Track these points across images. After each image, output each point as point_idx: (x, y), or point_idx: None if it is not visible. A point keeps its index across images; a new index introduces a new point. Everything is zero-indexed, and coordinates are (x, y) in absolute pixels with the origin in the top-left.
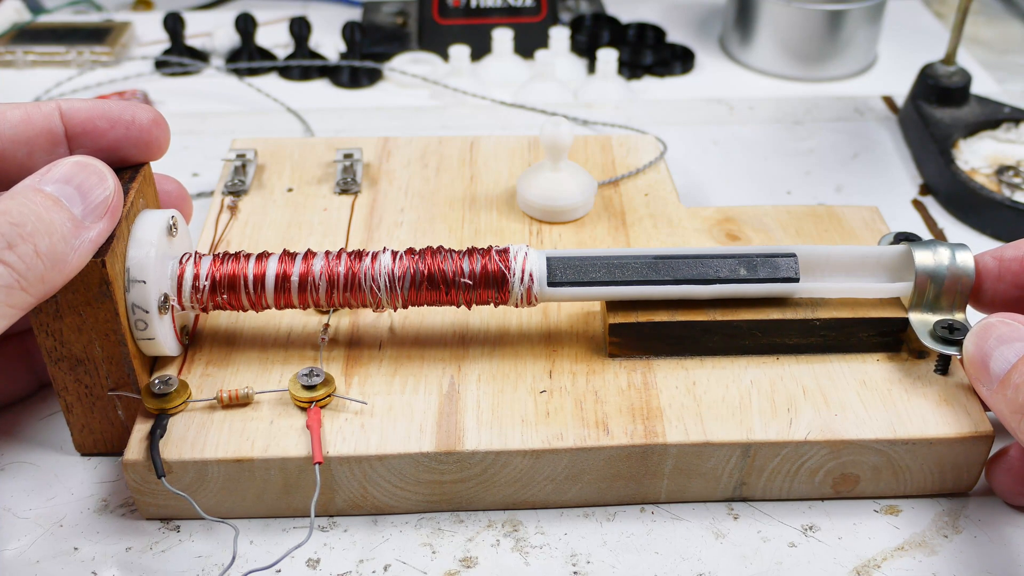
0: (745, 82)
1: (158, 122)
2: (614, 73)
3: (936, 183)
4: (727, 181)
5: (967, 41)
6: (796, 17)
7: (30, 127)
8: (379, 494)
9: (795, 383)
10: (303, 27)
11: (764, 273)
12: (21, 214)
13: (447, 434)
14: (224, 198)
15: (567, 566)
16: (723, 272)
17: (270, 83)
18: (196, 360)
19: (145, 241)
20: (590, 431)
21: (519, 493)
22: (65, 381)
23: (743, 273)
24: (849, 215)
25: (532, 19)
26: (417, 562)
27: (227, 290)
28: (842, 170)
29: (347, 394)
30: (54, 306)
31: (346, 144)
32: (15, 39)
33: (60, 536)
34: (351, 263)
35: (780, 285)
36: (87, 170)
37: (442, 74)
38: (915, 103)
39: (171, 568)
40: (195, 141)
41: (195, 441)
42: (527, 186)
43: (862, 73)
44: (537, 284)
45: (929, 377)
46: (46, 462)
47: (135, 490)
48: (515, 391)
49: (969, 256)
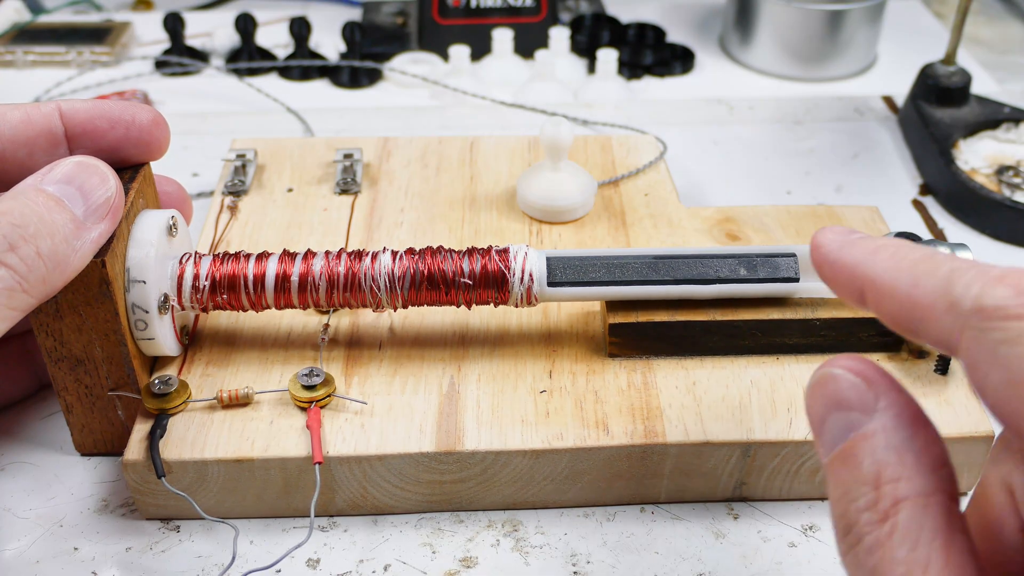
0: (745, 82)
1: (158, 122)
2: (614, 73)
3: (936, 183)
4: (727, 181)
5: (967, 41)
6: (796, 17)
7: (30, 127)
8: (379, 494)
9: (795, 383)
10: (303, 27)
11: (764, 273)
12: (23, 215)
13: (447, 434)
14: (224, 198)
15: (567, 566)
16: (723, 272)
17: (270, 83)
18: (196, 360)
19: (145, 241)
20: (590, 431)
21: (519, 493)
22: (65, 381)
23: (743, 273)
24: (849, 215)
25: (532, 19)
26: (417, 562)
27: (227, 290)
28: (842, 170)
29: (347, 394)
30: (54, 306)
31: (346, 144)
32: (15, 39)
33: (60, 536)
34: (351, 263)
35: (780, 285)
36: (89, 170)
37: (442, 74)
38: (915, 103)
39: (171, 568)
40: (195, 141)
41: (195, 441)
42: (527, 186)
43: (862, 73)
44: (537, 284)
45: (929, 377)
46: (46, 462)
47: (135, 490)
48: (515, 391)
49: (969, 256)
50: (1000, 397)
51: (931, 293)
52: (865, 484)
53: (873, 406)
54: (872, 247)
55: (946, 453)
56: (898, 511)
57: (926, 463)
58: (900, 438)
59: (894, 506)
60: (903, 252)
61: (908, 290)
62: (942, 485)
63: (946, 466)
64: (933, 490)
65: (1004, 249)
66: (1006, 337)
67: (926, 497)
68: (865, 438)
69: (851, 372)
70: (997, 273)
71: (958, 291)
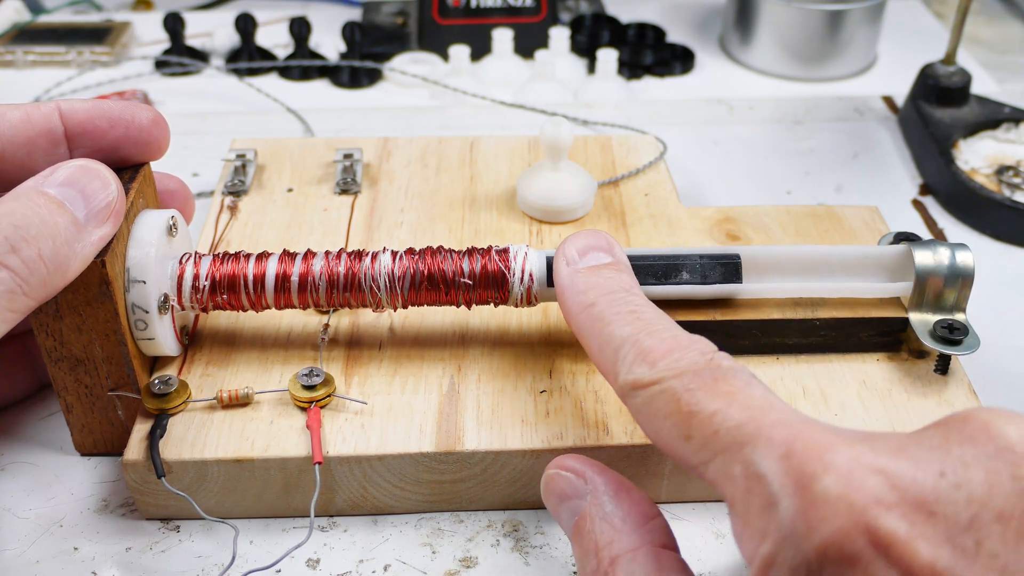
0: (745, 82)
1: (158, 122)
2: (614, 73)
3: (936, 183)
4: (727, 181)
5: (967, 41)
6: (796, 17)
7: (30, 127)
8: (379, 494)
9: (795, 383)
10: (303, 27)
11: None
12: (25, 216)
13: (447, 434)
14: (224, 198)
15: (567, 566)
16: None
17: (270, 83)
18: (196, 360)
19: (145, 241)
20: (590, 431)
21: (519, 493)
22: (65, 381)
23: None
24: (849, 215)
25: (532, 19)
26: (417, 562)
27: (227, 290)
28: (842, 170)
29: (347, 394)
30: (54, 306)
31: (346, 144)
32: (15, 39)
33: (60, 536)
34: (351, 263)
35: (780, 285)
36: (90, 174)
37: (442, 74)
38: (915, 103)
39: (171, 568)
40: (195, 141)
41: (195, 441)
42: (527, 186)
43: (862, 73)
44: (537, 284)
45: (929, 377)
46: (46, 462)
47: (135, 490)
48: (515, 391)
49: (969, 256)
50: (655, 440)
51: (605, 363)
52: (589, 553)
53: (584, 491)
54: (582, 301)
55: (653, 509)
56: (615, 568)
57: (633, 522)
58: (608, 509)
59: (611, 564)
60: (599, 312)
61: (595, 354)
62: (649, 537)
63: (653, 519)
64: (641, 543)
65: (1004, 249)
66: (644, 399)
67: (635, 551)
68: (583, 517)
69: (563, 469)
70: (641, 351)
71: (618, 368)
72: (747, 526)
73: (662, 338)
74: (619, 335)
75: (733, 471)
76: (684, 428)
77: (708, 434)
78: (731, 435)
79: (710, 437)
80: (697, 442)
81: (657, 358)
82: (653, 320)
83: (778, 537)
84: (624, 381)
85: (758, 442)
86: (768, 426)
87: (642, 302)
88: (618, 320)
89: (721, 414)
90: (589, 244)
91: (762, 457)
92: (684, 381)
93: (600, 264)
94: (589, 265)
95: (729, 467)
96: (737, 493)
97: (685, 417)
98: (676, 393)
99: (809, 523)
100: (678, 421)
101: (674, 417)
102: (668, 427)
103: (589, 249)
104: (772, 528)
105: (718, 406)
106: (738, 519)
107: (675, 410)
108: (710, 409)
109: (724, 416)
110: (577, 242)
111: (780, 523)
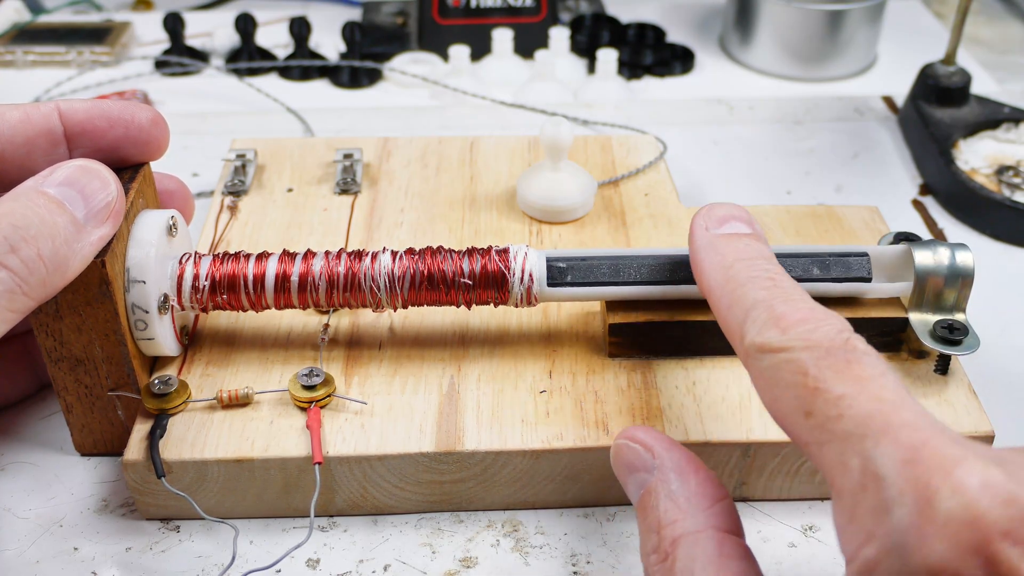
0: (745, 82)
1: (157, 122)
2: (614, 73)
3: (936, 183)
4: (727, 181)
5: (967, 41)
6: (796, 17)
7: (29, 127)
8: (379, 494)
9: None
10: (303, 27)
11: (837, 272)
12: (24, 216)
13: (447, 434)
14: (224, 198)
15: (567, 566)
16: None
17: (270, 83)
18: (196, 360)
19: (145, 241)
20: (590, 431)
21: (519, 493)
22: (65, 381)
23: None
24: (849, 215)
25: (532, 19)
26: (417, 562)
27: (227, 290)
28: (842, 170)
29: (347, 394)
30: (54, 306)
31: (346, 144)
32: (15, 39)
33: (60, 536)
34: (351, 263)
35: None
36: (90, 174)
37: (442, 74)
38: (915, 103)
39: (171, 568)
40: (195, 141)
41: (195, 441)
42: (527, 186)
43: (862, 73)
44: (537, 284)
45: (929, 377)
46: (46, 462)
47: (135, 490)
48: (515, 391)
49: (969, 256)
50: (769, 408)
51: (733, 322)
52: (651, 530)
53: (652, 465)
54: (719, 262)
55: (721, 490)
56: (675, 548)
57: (698, 503)
58: (674, 487)
59: (672, 544)
60: (734, 273)
61: (723, 312)
62: (714, 520)
63: (719, 501)
64: (704, 526)
65: (1004, 249)
66: (769, 364)
67: (697, 533)
68: (648, 492)
69: (632, 440)
70: (774, 315)
71: (747, 328)
72: (853, 522)
73: (797, 307)
74: (753, 296)
75: (850, 462)
76: (806, 403)
77: (831, 416)
78: (855, 424)
79: (832, 420)
80: (816, 421)
81: (789, 325)
82: (790, 289)
83: (886, 544)
84: (751, 342)
85: (882, 439)
86: (896, 425)
87: (780, 272)
88: (753, 283)
89: (849, 399)
90: (730, 213)
91: (884, 457)
92: (815, 355)
93: (740, 232)
94: (728, 232)
95: (846, 457)
96: (848, 485)
97: (810, 392)
98: (804, 365)
99: (924, 539)
100: (801, 394)
101: (797, 389)
102: (788, 398)
103: (729, 218)
104: (881, 533)
105: (846, 390)
106: (844, 512)
107: (800, 383)
108: (838, 391)
109: (851, 402)
110: (718, 210)
111: (891, 530)
